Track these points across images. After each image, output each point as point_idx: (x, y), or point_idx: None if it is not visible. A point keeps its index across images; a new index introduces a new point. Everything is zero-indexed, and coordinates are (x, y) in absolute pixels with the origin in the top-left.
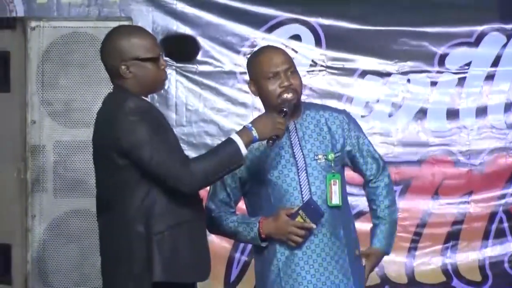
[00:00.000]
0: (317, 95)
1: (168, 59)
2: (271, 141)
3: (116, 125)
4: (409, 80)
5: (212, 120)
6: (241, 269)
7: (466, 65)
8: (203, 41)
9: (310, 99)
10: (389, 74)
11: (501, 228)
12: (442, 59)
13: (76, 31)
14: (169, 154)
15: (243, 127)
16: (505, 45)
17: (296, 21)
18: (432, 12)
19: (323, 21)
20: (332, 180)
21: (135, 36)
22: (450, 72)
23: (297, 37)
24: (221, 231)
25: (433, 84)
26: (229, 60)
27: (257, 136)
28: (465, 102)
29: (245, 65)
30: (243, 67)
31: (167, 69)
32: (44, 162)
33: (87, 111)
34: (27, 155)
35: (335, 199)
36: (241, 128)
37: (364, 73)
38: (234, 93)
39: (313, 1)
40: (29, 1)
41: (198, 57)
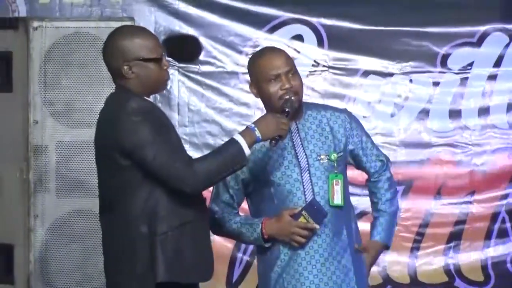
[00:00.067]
0: (319, 95)
1: (170, 59)
2: (274, 142)
3: (118, 126)
4: (411, 80)
5: (214, 120)
6: (243, 269)
7: (468, 65)
8: (205, 41)
9: (312, 99)
10: (391, 74)
11: (504, 228)
12: (444, 59)
13: (78, 31)
14: (172, 154)
15: (246, 128)
16: (508, 45)
17: (298, 21)
18: (434, 12)
19: (326, 21)
20: (334, 180)
21: (137, 36)
22: (452, 72)
23: (299, 37)
24: (224, 232)
25: (436, 84)
26: (231, 60)
27: (260, 136)
28: (467, 102)
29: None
30: (245, 67)
31: (169, 69)
32: (46, 162)
33: (90, 111)
34: (29, 155)
35: (337, 199)
36: (244, 128)
37: (366, 73)
38: (236, 93)
39: (315, 1)
40: (31, 1)
41: (200, 57)
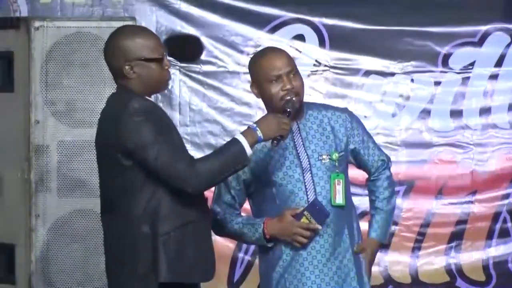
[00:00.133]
0: (320, 95)
1: (171, 59)
2: (275, 142)
3: (120, 126)
4: (412, 80)
5: (215, 120)
6: (245, 269)
7: (470, 65)
8: (207, 41)
9: (313, 99)
10: (392, 74)
11: (505, 228)
12: (445, 59)
13: (79, 31)
14: (173, 154)
15: (248, 127)
16: (509, 45)
17: (299, 21)
18: (435, 12)
19: (327, 21)
20: (336, 179)
21: (139, 36)
22: (453, 72)
23: (301, 37)
24: (226, 233)
25: (437, 84)
26: (232, 60)
27: (261, 136)
28: (469, 102)
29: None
30: (247, 67)
31: (170, 69)
32: (47, 162)
33: (91, 111)
34: (30, 155)
35: (339, 198)
36: (245, 128)
37: (367, 73)
38: (237, 93)
39: (317, 1)
40: (32, 1)
41: (201, 57)
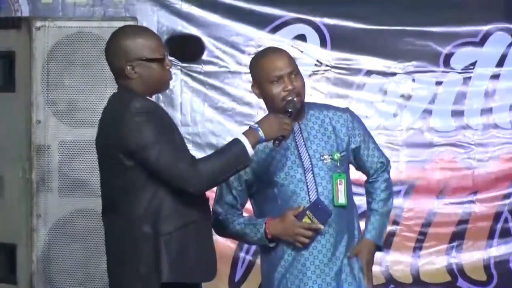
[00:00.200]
0: (322, 95)
1: (173, 59)
2: (277, 142)
3: (122, 126)
4: (414, 80)
5: (217, 120)
6: (246, 269)
7: (471, 64)
8: (208, 41)
9: (315, 99)
10: (394, 74)
11: (506, 227)
12: (447, 58)
13: (81, 31)
14: (175, 154)
15: (249, 128)
16: (510, 45)
17: (301, 21)
18: (437, 12)
19: (328, 21)
20: (338, 179)
21: (140, 36)
22: (455, 71)
23: (302, 37)
24: (228, 233)
25: (438, 83)
26: (234, 60)
27: (263, 136)
28: (470, 102)
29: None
30: (248, 67)
31: (172, 69)
32: (49, 162)
33: (92, 111)
34: (32, 155)
35: (341, 198)
36: (247, 128)
37: (369, 73)
38: (239, 93)
39: (318, 1)
40: (34, 1)
41: (203, 57)
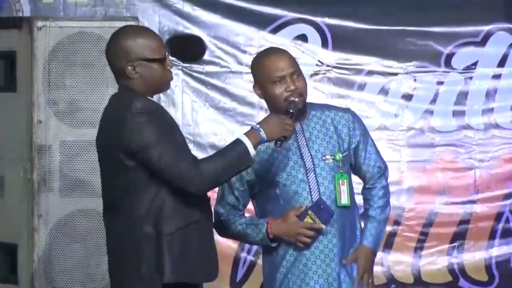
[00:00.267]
0: (323, 95)
1: (174, 59)
2: (279, 142)
3: (123, 126)
4: (415, 79)
5: (218, 120)
6: (247, 269)
7: (472, 64)
8: (209, 41)
9: (316, 99)
10: (395, 74)
11: (508, 227)
12: (448, 58)
13: (82, 31)
14: (177, 154)
15: (251, 128)
16: None
17: (302, 21)
18: (438, 12)
19: (330, 21)
20: (340, 180)
21: (141, 36)
22: (456, 71)
23: (304, 37)
24: (230, 234)
25: (440, 83)
26: (235, 60)
27: (265, 137)
28: (471, 102)
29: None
30: (249, 67)
31: (173, 69)
32: (50, 162)
33: (93, 111)
34: (33, 155)
35: (344, 198)
36: (248, 128)
37: (370, 73)
38: (240, 93)
39: (319, 1)
40: (35, 1)
41: (204, 57)
